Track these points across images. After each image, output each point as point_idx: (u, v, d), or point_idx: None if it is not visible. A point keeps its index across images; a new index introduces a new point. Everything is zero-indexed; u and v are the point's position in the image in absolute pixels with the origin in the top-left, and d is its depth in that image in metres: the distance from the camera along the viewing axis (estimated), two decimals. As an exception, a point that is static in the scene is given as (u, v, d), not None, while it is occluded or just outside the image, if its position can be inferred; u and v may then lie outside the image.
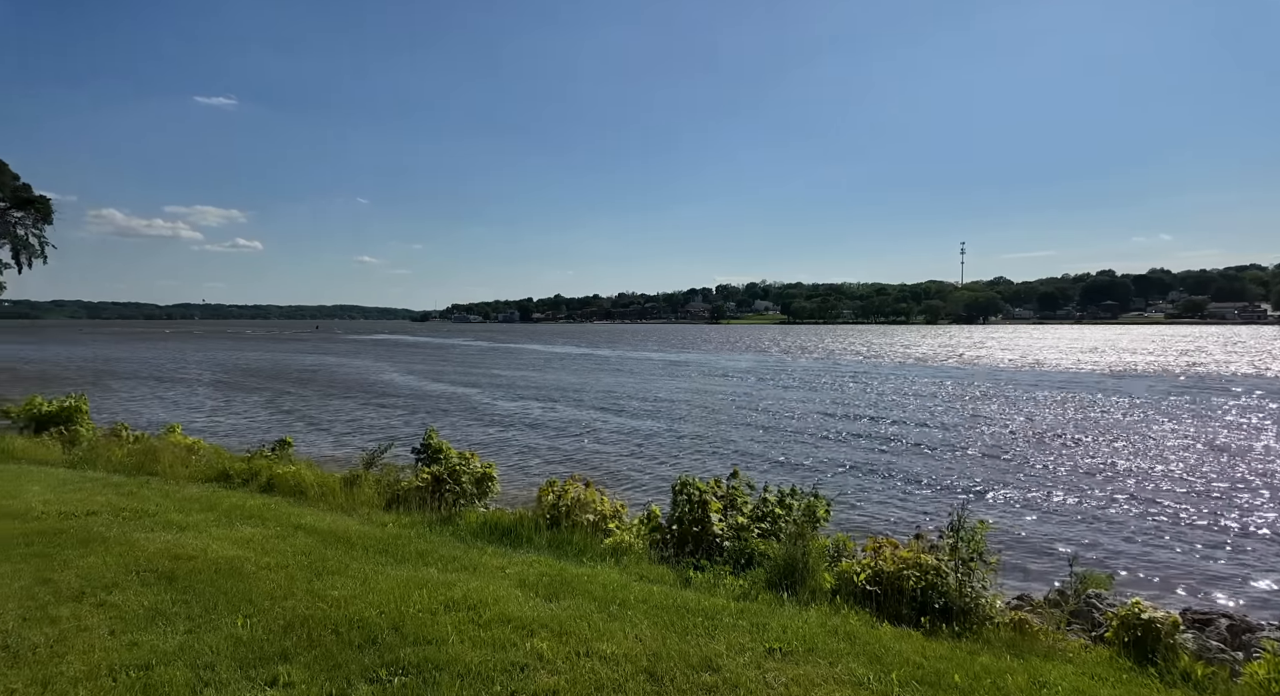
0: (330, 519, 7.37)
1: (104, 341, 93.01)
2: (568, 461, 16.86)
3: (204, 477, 9.90)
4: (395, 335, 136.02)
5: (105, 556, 5.10)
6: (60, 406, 12.94)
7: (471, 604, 4.59)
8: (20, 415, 12.82)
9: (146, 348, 75.57)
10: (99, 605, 4.20)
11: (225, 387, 34.47)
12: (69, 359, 55.04)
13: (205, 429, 19.70)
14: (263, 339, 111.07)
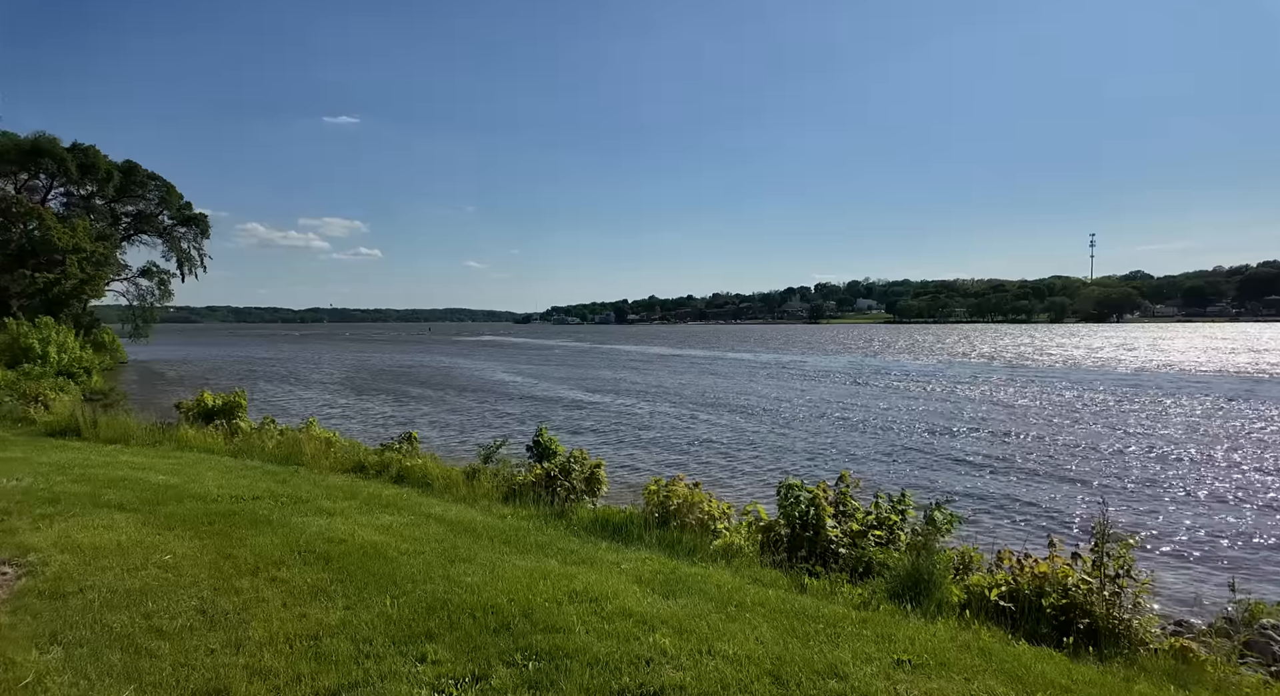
0: (456, 509, 7.86)
1: (249, 343, 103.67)
2: (667, 461, 17.00)
3: (342, 468, 10.83)
4: (499, 337, 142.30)
5: (272, 537, 5.72)
6: (224, 401, 14.58)
7: (593, 596, 4.76)
8: (191, 409, 14.56)
9: (283, 348, 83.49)
10: (271, 580, 4.73)
11: (353, 386, 37.45)
12: (223, 358, 61.79)
13: (338, 423, 21.51)
14: (383, 341, 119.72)
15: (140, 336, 61.30)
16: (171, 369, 49.77)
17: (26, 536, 5.28)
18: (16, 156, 48.68)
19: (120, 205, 57.19)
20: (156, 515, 6.21)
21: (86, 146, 51.54)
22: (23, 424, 13.39)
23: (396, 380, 40.91)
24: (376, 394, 33.32)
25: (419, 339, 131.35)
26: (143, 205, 58.03)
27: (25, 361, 27.55)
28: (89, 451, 10.63)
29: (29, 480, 7.46)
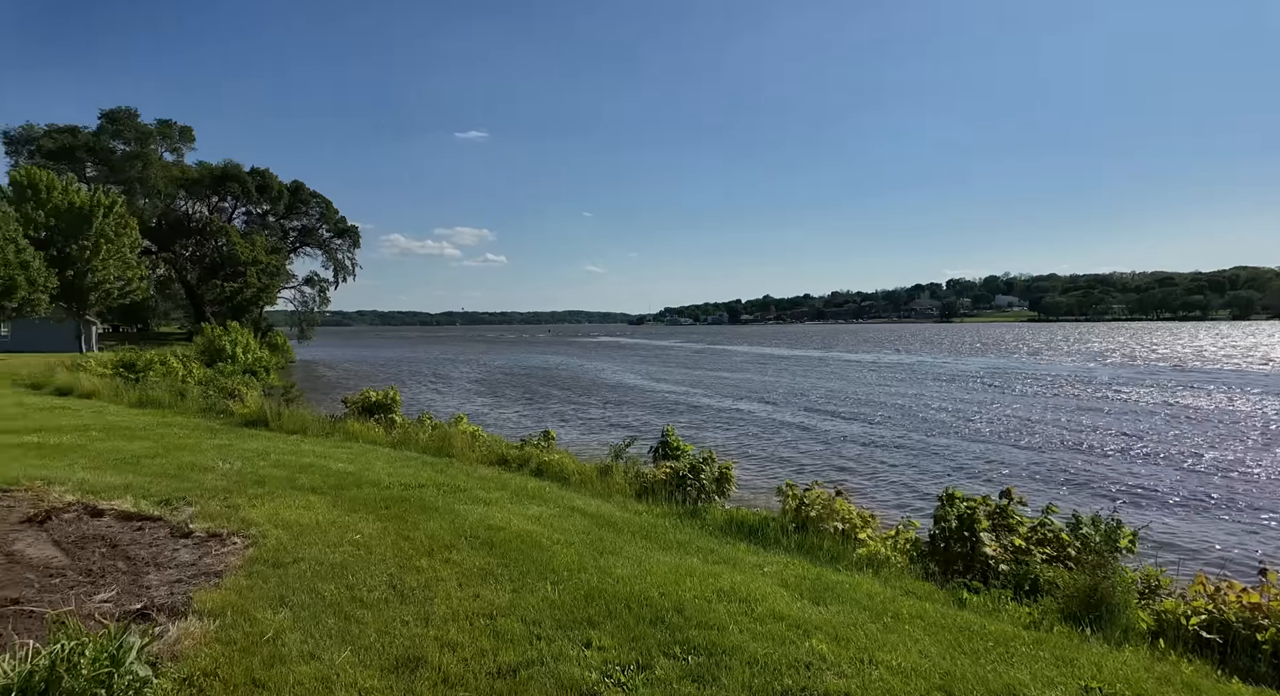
0: (595, 504, 8.19)
1: (393, 344, 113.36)
2: (791, 464, 16.66)
3: (487, 460, 11.59)
4: (615, 338, 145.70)
5: (439, 522, 6.26)
6: (382, 397, 16.09)
7: (741, 596, 4.80)
8: (355, 403, 16.19)
9: (423, 349, 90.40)
10: (445, 561, 5.19)
11: (486, 384, 39.90)
12: (372, 358, 67.95)
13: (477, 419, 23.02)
14: (508, 342, 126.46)
15: (305, 338, 68.97)
16: (330, 368, 55.43)
17: (247, 512, 6.15)
18: (210, 182, 56.37)
19: (288, 221, 64.75)
20: (342, 498, 6.99)
21: (262, 170, 58.62)
22: (224, 416, 15.48)
23: (524, 379, 43.08)
24: (507, 392, 35.29)
25: (540, 340, 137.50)
26: (306, 220, 65.34)
27: (219, 361, 31.86)
28: (277, 440, 12.11)
29: (239, 464, 8.66)
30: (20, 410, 14.39)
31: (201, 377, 26.51)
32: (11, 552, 4.91)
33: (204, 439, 11.41)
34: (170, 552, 5.12)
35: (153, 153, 54.00)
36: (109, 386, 19.61)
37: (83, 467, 8.16)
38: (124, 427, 12.36)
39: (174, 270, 56.59)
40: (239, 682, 3.20)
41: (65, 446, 9.93)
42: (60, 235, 34.60)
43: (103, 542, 5.23)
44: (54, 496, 6.53)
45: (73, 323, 39.55)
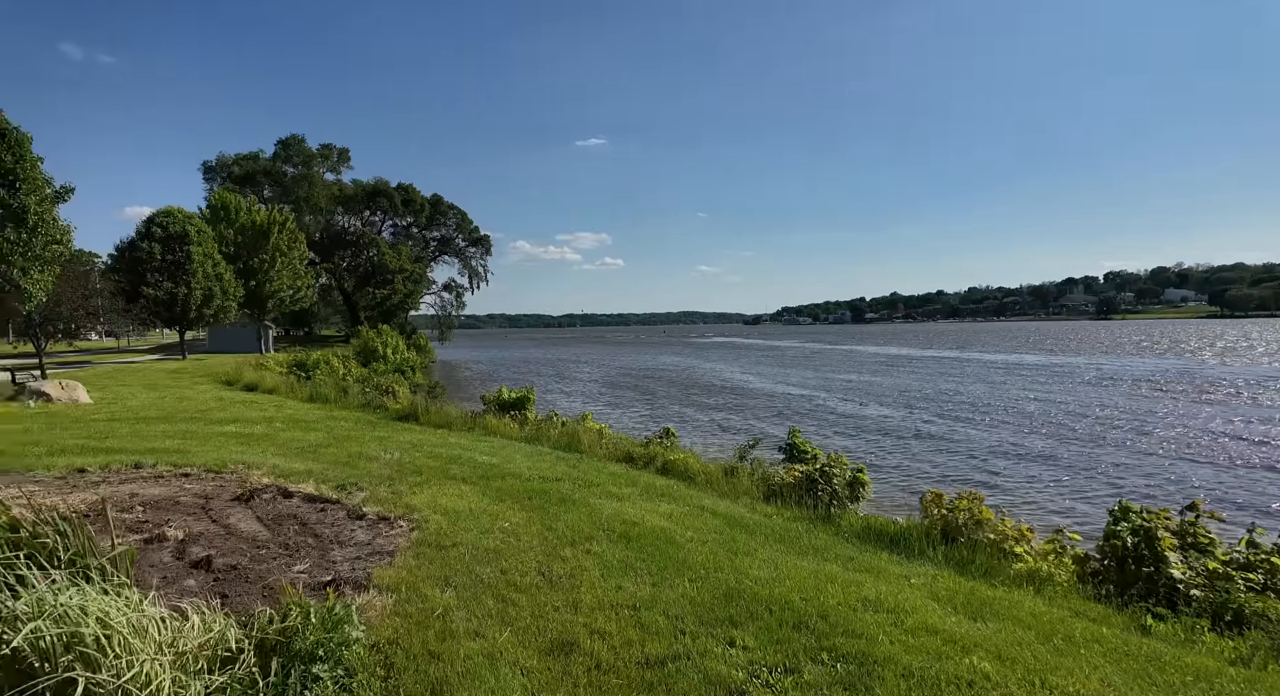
0: (724, 504, 8.18)
1: (520, 345, 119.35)
2: (928, 472, 15.69)
3: (614, 457, 11.92)
4: (730, 338, 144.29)
5: (578, 514, 6.53)
6: (517, 395, 17.02)
7: (888, 607, 4.60)
8: (492, 401, 17.25)
9: (547, 350, 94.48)
10: (587, 552, 5.40)
11: (606, 383, 41.00)
12: (501, 358, 71.99)
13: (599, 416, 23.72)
14: (625, 343, 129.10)
15: (444, 340, 74.42)
16: (466, 367, 59.37)
17: (409, 498, 6.75)
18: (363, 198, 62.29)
19: (429, 232, 70.19)
20: (489, 488, 7.48)
21: (407, 185, 63.87)
22: (380, 411, 17.07)
23: (641, 380, 43.82)
24: (626, 391, 36.06)
25: (656, 341, 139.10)
26: (444, 231, 70.49)
27: (373, 361, 35.14)
28: (427, 433, 13.16)
29: (398, 454, 9.52)
30: (220, 403, 16.66)
31: (359, 376, 29.36)
32: (228, 526, 5.72)
33: (366, 431, 12.63)
34: (349, 532, 5.73)
35: (316, 174, 60.96)
36: (285, 383, 22.22)
37: (273, 454, 9.32)
38: (300, 420, 13.94)
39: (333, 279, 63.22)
40: (417, 653, 3.52)
41: (257, 435, 11.38)
42: (244, 250, 39.79)
43: (295, 521, 5.95)
44: (254, 479, 7.52)
45: (254, 327, 45.26)
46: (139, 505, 6.24)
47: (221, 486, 7.15)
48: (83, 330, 23.38)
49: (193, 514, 6.04)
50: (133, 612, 2.35)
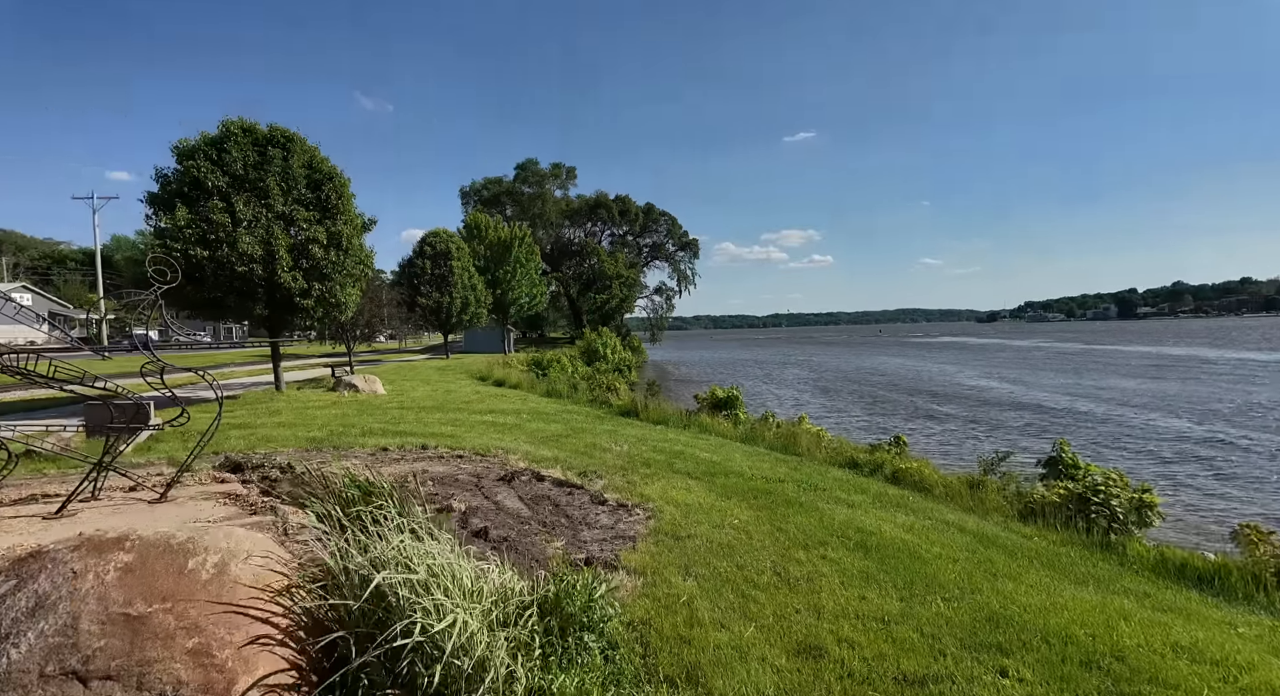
0: (971, 520, 7.39)
1: (725, 346, 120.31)
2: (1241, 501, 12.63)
3: (835, 462, 11.43)
4: (959, 337, 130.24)
5: (807, 518, 6.36)
6: (728, 395, 17.19)
7: (1212, 658, 3.77)
8: (705, 400, 17.61)
9: (753, 351, 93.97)
10: (822, 558, 5.23)
11: (818, 385, 39.55)
12: (708, 358, 73.20)
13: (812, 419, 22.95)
14: (836, 343, 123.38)
15: (655, 341, 77.83)
16: (675, 367, 61.40)
17: (642, 489, 7.15)
18: (586, 211, 67.65)
19: (642, 239, 73.96)
20: (714, 485, 7.62)
21: (623, 197, 67.97)
22: (605, 406, 18.39)
23: (857, 381, 41.49)
24: (840, 393, 34.41)
25: (871, 341, 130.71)
26: (656, 237, 73.74)
27: (595, 360, 37.97)
28: (648, 429, 13.84)
29: (626, 447, 10.15)
30: (477, 396, 19.22)
31: (584, 374, 31.92)
32: (497, 502, 6.55)
33: (596, 424, 13.65)
34: (594, 516, 6.22)
35: (548, 191, 67.93)
36: (526, 380, 24.95)
37: (524, 441, 10.49)
38: (541, 412, 15.52)
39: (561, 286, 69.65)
40: (668, 636, 3.69)
41: (509, 425, 12.91)
42: (492, 263, 45.54)
43: (549, 502, 6.62)
44: (512, 462, 8.54)
45: (500, 330, 51.53)
46: (429, 480, 7.41)
47: (487, 467, 8.22)
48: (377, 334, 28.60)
49: (469, 490, 7.02)
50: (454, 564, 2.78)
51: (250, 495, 6.10)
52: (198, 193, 14.27)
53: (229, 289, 14.45)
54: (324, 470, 7.08)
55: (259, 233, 14.47)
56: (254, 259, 14.32)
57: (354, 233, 16.22)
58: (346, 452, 9.60)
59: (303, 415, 13.57)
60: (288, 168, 15.19)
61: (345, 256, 15.96)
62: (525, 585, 3.12)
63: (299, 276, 15.08)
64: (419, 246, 39.00)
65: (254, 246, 14.25)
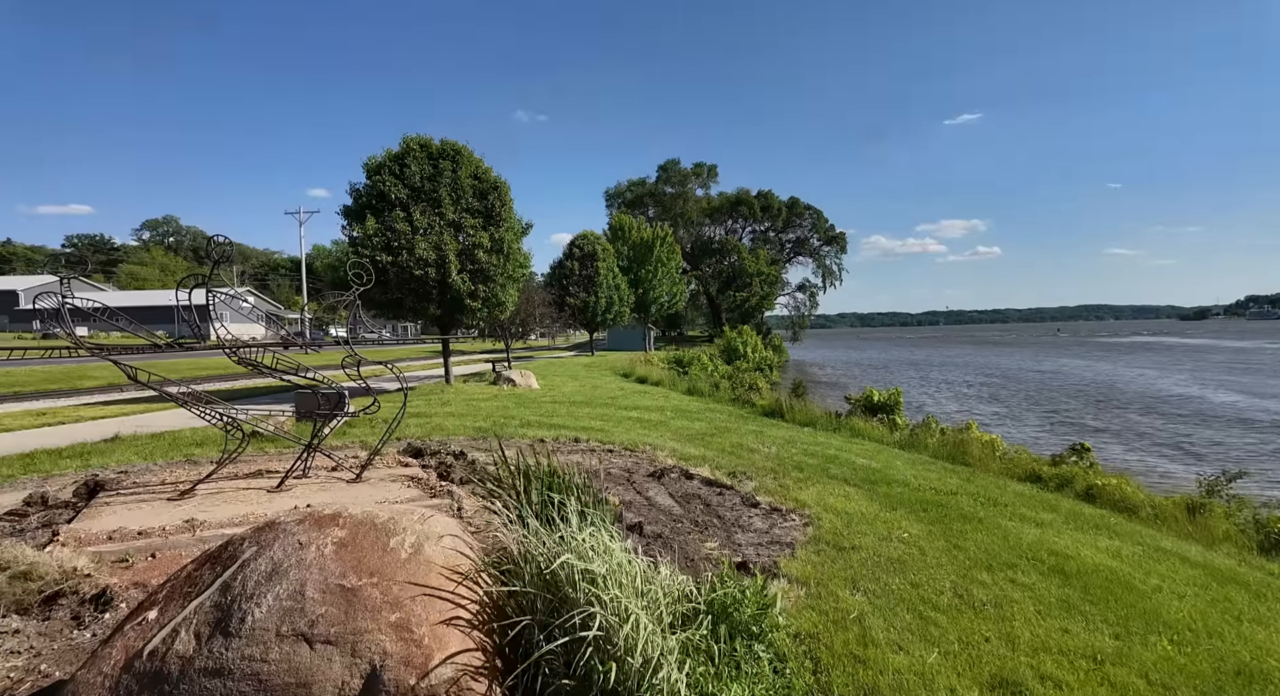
0: (1194, 550, 6.28)
1: (874, 345, 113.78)
2: None
3: (1012, 474, 10.30)
4: (1159, 337, 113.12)
5: (987, 535, 5.74)
6: (885, 397, 16.16)
7: None
8: (858, 401, 16.69)
9: (907, 351, 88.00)
10: (1011, 581, 4.67)
11: (985, 390, 36.14)
12: (855, 359, 69.69)
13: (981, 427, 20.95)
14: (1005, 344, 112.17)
15: (796, 339, 75.47)
16: (819, 367, 59.13)
17: (796, 493, 6.87)
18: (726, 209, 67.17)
19: (784, 234, 72.01)
20: (876, 493, 7.13)
21: (766, 192, 66.64)
22: (748, 406, 18.06)
23: (1031, 386, 37.37)
24: (1010, 399, 31.16)
25: (1049, 341, 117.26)
26: (799, 232, 71.47)
27: (735, 359, 37.54)
28: (794, 430, 13.37)
29: (775, 449, 9.84)
30: (622, 392, 19.72)
31: (724, 373, 31.68)
32: (648, 498, 6.60)
33: (740, 424, 13.42)
34: (747, 518, 6.05)
35: (690, 191, 68.38)
36: (668, 377, 25.22)
37: (669, 439, 10.54)
38: (684, 410, 15.56)
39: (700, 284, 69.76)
40: (840, 653, 3.45)
41: (653, 421, 13.06)
42: (635, 263, 46.65)
43: (699, 501, 6.55)
44: (660, 458, 8.59)
45: (641, 329, 52.67)
46: (583, 472, 7.65)
47: (636, 462, 8.34)
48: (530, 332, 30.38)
49: (621, 484, 7.15)
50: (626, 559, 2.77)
51: (429, 479, 6.65)
52: (383, 204, 15.94)
53: (408, 290, 16.00)
54: (498, 457, 7.58)
55: (433, 239, 15.86)
56: (429, 263, 15.72)
57: (514, 237, 17.30)
58: (508, 442, 10.21)
59: (469, 406, 14.68)
60: (456, 178, 16.51)
61: (506, 260, 17.06)
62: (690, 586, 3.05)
63: (466, 279, 16.34)
64: (568, 249, 40.85)
65: (429, 252, 15.65)
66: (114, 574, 4.29)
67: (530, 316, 27.94)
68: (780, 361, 56.69)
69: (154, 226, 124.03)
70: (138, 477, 6.54)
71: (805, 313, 78.40)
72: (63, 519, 5.39)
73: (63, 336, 11.34)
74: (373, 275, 6.59)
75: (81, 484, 6.22)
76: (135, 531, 4.75)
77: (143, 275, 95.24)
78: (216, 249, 6.01)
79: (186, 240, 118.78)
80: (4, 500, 6.66)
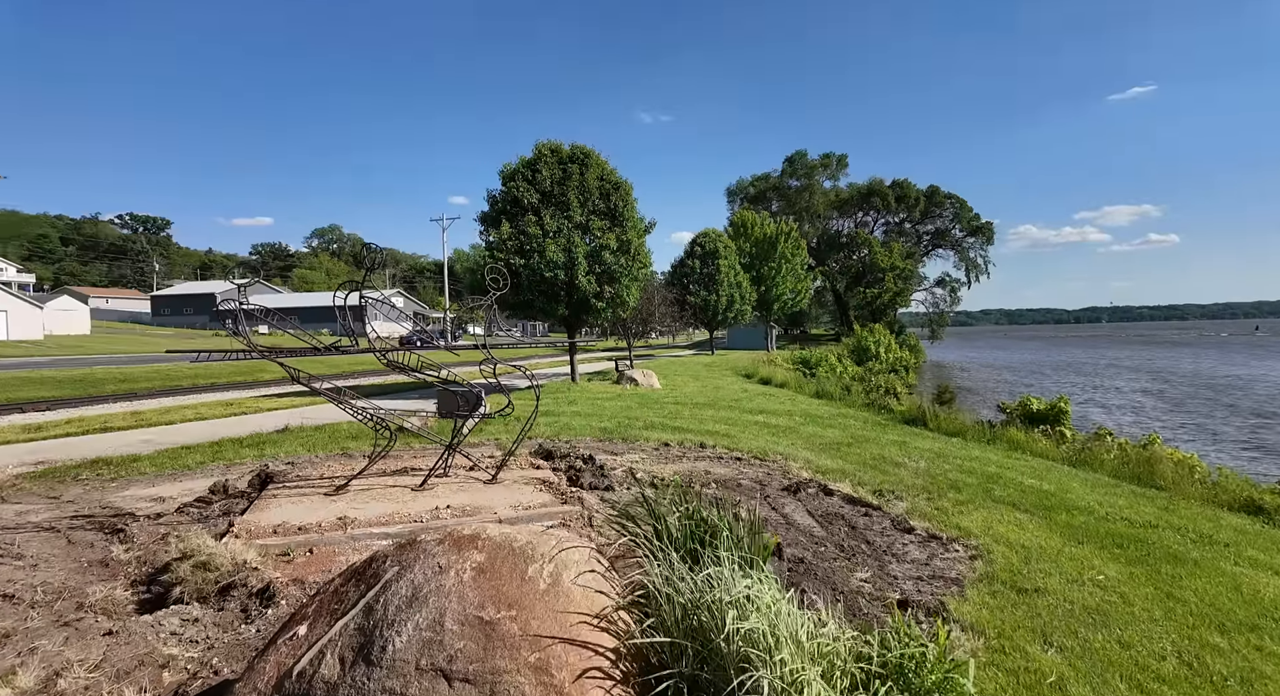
0: None
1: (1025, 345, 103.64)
2: None
3: (1220, 502, 8.67)
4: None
5: (1210, 584, 4.73)
6: (1047, 407, 14.40)
7: None
8: (1015, 410, 15.01)
9: (1063, 351, 79.24)
10: (1256, 649, 3.76)
11: (1168, 399, 31.60)
12: (1002, 360, 63.70)
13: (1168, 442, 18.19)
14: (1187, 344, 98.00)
15: (935, 339, 70.33)
16: (962, 369, 54.65)
17: (957, 518, 6.11)
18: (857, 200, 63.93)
19: (922, 226, 67.32)
20: (1053, 522, 6.19)
21: (902, 181, 62.68)
22: (885, 411, 16.84)
23: (1225, 392, 32.14)
24: (1200, 409, 26.92)
25: (1240, 340, 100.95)
26: (939, 223, 66.47)
27: (867, 360, 35.50)
28: (942, 442, 12.20)
29: (924, 463, 8.96)
30: (745, 394, 19.16)
31: (854, 375, 30.02)
32: (785, 515, 6.15)
33: (879, 433, 12.47)
34: (900, 546, 5.43)
35: (817, 183, 65.76)
36: (794, 379, 24.26)
37: (802, 447, 9.94)
38: (814, 415, 14.77)
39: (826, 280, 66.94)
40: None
41: (782, 427, 12.46)
42: (757, 260, 45.54)
43: (843, 522, 6.00)
44: (794, 470, 8.07)
45: (762, 327, 51.40)
46: (712, 482, 7.32)
47: (768, 473, 7.87)
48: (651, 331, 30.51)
49: (754, 498, 6.73)
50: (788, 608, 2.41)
51: (560, 483, 6.62)
52: (516, 209, 16.53)
53: (538, 292, 16.48)
54: (619, 460, 7.45)
55: (561, 241, 16.22)
56: (558, 265, 16.09)
57: (638, 237, 17.32)
58: (633, 445, 10.11)
59: (594, 406, 14.84)
60: (584, 181, 16.77)
61: (632, 260, 17.11)
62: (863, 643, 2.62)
63: (593, 280, 16.56)
64: (689, 247, 40.64)
65: (558, 254, 16.01)
66: (277, 567, 4.55)
67: (651, 315, 28.02)
68: (917, 363, 53.08)
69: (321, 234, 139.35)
70: (300, 471, 7.04)
71: (944, 309, 72.84)
72: (238, 508, 5.88)
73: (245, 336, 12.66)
74: (508, 279, 6.65)
75: (255, 475, 6.79)
76: (296, 526, 5.04)
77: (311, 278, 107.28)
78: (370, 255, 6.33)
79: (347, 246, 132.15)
80: (197, 485, 7.46)
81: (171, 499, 6.76)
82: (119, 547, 5.09)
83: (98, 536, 5.52)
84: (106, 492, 7.23)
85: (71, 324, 61.20)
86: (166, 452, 9.74)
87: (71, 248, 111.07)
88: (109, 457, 9.29)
